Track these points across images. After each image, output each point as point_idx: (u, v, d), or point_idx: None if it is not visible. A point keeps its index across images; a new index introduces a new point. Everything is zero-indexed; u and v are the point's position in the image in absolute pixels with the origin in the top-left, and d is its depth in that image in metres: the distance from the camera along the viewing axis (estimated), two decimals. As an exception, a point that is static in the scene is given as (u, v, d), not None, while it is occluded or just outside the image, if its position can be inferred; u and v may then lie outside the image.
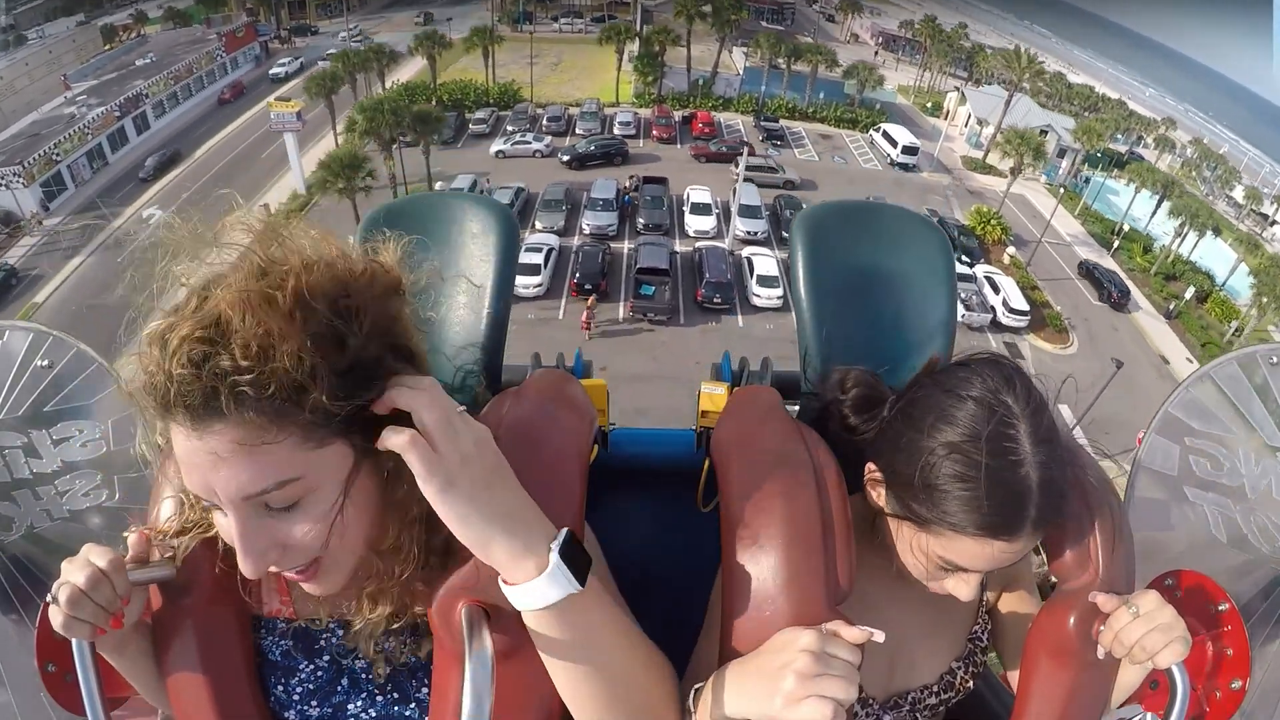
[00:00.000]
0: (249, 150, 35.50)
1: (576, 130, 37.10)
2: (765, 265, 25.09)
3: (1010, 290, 26.46)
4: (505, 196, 27.85)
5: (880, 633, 0.82)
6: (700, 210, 28.92)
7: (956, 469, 0.86)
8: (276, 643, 0.94)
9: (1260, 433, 1.36)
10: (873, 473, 0.99)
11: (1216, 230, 32.19)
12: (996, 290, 26.32)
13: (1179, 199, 32.95)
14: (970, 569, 0.92)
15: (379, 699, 0.92)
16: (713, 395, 1.36)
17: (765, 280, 24.50)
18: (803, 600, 0.87)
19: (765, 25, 52.90)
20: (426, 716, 0.90)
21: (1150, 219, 34.04)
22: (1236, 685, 1.12)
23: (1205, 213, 32.24)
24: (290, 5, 52.92)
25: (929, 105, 46.40)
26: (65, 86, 37.67)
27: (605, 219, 28.01)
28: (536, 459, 0.84)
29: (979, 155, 39.31)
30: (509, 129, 36.31)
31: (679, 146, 36.48)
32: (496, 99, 40.17)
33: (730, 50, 46.13)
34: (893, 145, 37.55)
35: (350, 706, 0.93)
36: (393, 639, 0.90)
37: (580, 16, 55.67)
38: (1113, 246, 33.14)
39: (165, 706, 0.96)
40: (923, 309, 1.24)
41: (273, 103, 32.18)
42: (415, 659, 0.91)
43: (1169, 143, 41.13)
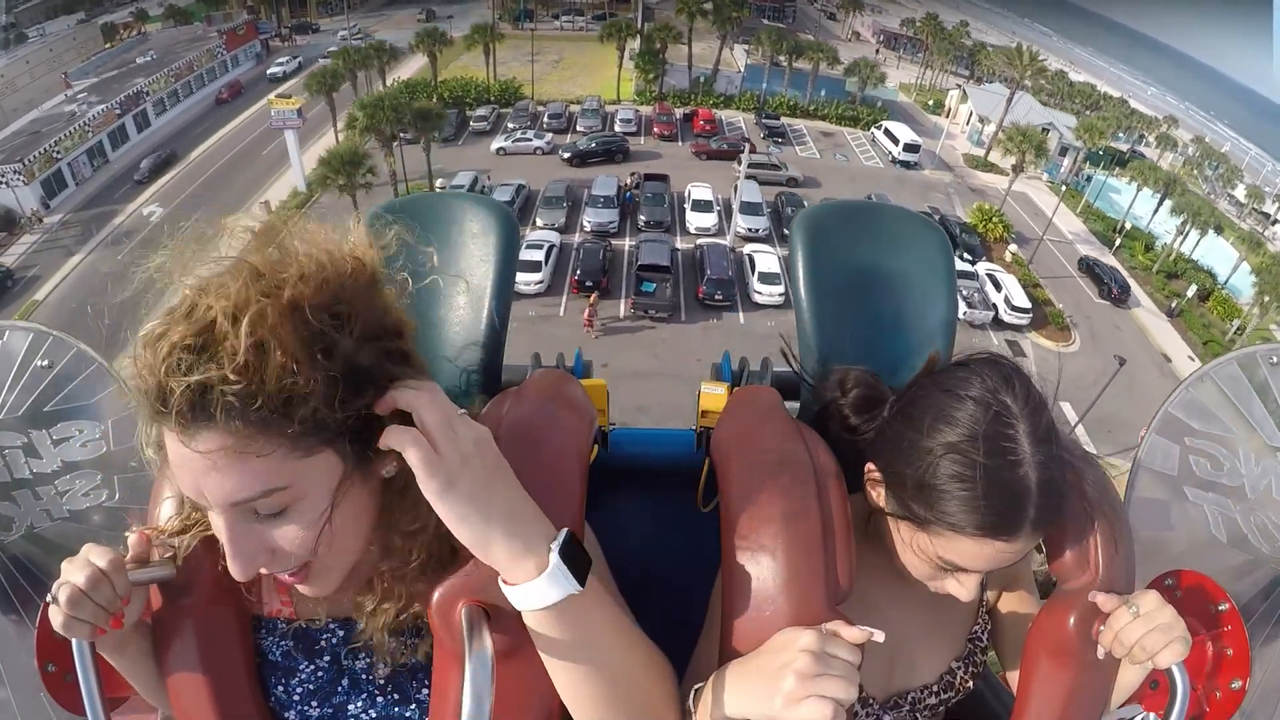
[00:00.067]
0: (249, 148, 35.45)
1: (577, 127, 37.03)
2: (767, 262, 25.01)
3: (1012, 288, 26.38)
4: (506, 193, 27.87)
5: (880, 633, 0.82)
6: (701, 207, 28.83)
7: (955, 469, 0.86)
8: (277, 643, 0.94)
9: (1260, 433, 1.36)
10: (872, 473, 0.99)
11: (1218, 229, 32.13)
12: (998, 288, 26.24)
13: (1181, 197, 32.87)
14: (970, 569, 0.92)
15: (379, 699, 0.92)
16: (713, 395, 1.36)
17: (767, 277, 24.41)
18: (803, 600, 0.87)
19: (766, 23, 52.79)
20: (427, 717, 0.91)
21: (1152, 217, 33.96)
22: (1236, 685, 1.12)
23: (1207, 211, 32.15)
24: (291, 3, 52.90)
25: (930, 103, 46.28)
26: (66, 84, 37.64)
27: (606, 216, 27.96)
28: (536, 459, 0.84)
29: (981, 153, 39.23)
30: (510, 126, 36.25)
31: (680, 144, 36.42)
32: (497, 96, 40.12)
33: (731, 48, 46.04)
34: (894, 143, 37.44)
35: (350, 707, 0.93)
36: (393, 639, 0.90)
37: (581, 14, 55.58)
38: (1115, 244, 33.09)
39: (165, 706, 0.96)
40: (923, 309, 1.24)
41: (273, 100, 32.15)
42: (415, 659, 0.91)
43: (1170, 141, 40.99)
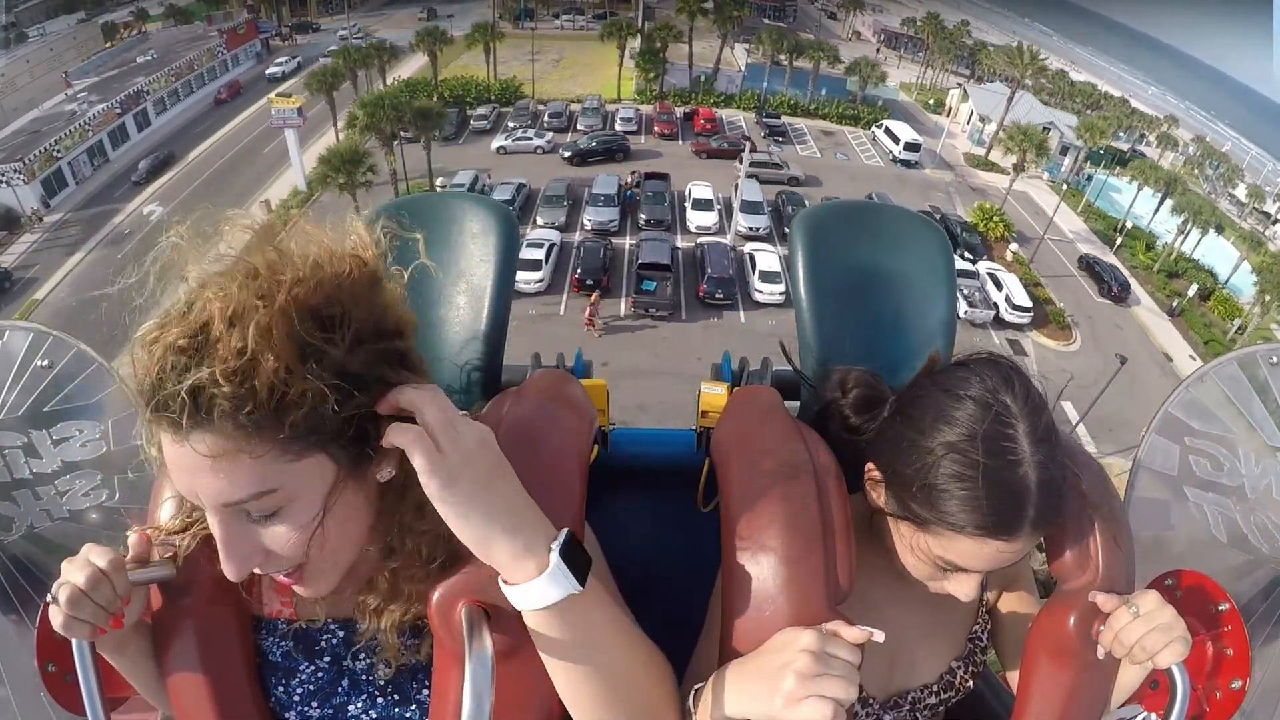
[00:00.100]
0: (249, 147, 35.46)
1: (578, 126, 37.07)
2: (767, 261, 25.01)
3: (1013, 287, 26.40)
4: (506, 192, 27.91)
5: (880, 633, 0.82)
6: (702, 206, 28.85)
7: (955, 469, 0.86)
8: (277, 643, 0.94)
9: (1260, 433, 1.36)
10: (872, 472, 0.99)
11: (1219, 228, 32.12)
12: (999, 287, 26.25)
13: (1181, 196, 32.89)
14: (969, 569, 0.92)
15: (379, 700, 0.92)
16: (713, 395, 1.36)
17: (767, 276, 24.41)
18: (803, 600, 0.87)
19: (767, 22, 52.78)
20: (427, 717, 0.90)
21: (1153, 216, 33.97)
22: (1236, 685, 1.12)
23: (1208, 210, 32.15)
24: (291, 2, 52.87)
25: (931, 102, 46.27)
26: (66, 83, 37.65)
27: (607, 215, 27.97)
28: (536, 459, 0.84)
29: (981, 152, 39.24)
30: (510, 125, 36.27)
31: (680, 143, 36.45)
32: (498, 95, 40.14)
33: (732, 47, 46.05)
34: (895, 142, 37.45)
35: (351, 707, 0.93)
36: (396, 639, 0.90)
37: (582, 13, 55.59)
38: (1115, 244, 33.08)
39: (165, 707, 0.96)
40: (923, 309, 1.24)
41: (274, 99, 32.13)
42: (416, 660, 0.91)
43: (1171, 140, 40.98)
